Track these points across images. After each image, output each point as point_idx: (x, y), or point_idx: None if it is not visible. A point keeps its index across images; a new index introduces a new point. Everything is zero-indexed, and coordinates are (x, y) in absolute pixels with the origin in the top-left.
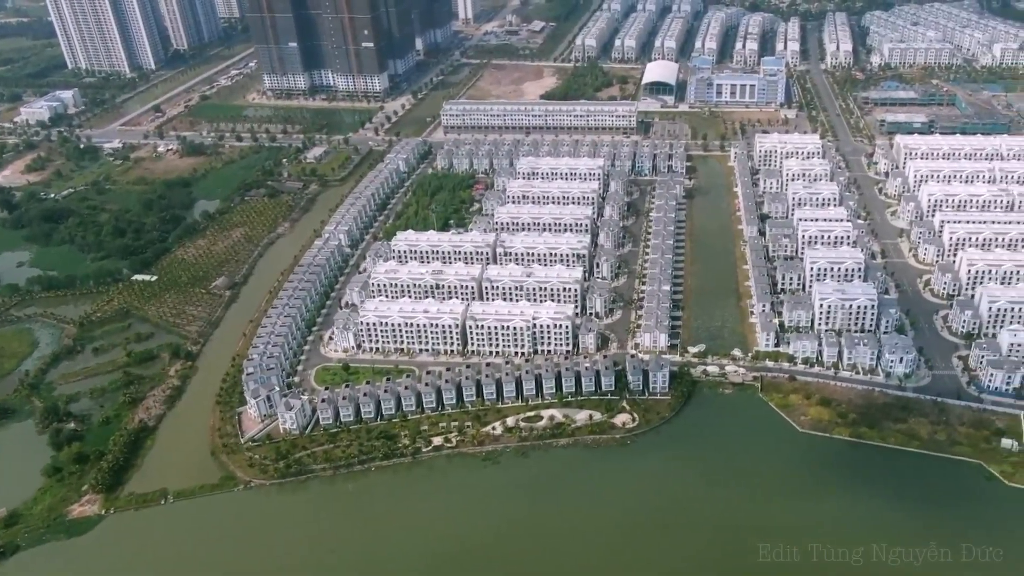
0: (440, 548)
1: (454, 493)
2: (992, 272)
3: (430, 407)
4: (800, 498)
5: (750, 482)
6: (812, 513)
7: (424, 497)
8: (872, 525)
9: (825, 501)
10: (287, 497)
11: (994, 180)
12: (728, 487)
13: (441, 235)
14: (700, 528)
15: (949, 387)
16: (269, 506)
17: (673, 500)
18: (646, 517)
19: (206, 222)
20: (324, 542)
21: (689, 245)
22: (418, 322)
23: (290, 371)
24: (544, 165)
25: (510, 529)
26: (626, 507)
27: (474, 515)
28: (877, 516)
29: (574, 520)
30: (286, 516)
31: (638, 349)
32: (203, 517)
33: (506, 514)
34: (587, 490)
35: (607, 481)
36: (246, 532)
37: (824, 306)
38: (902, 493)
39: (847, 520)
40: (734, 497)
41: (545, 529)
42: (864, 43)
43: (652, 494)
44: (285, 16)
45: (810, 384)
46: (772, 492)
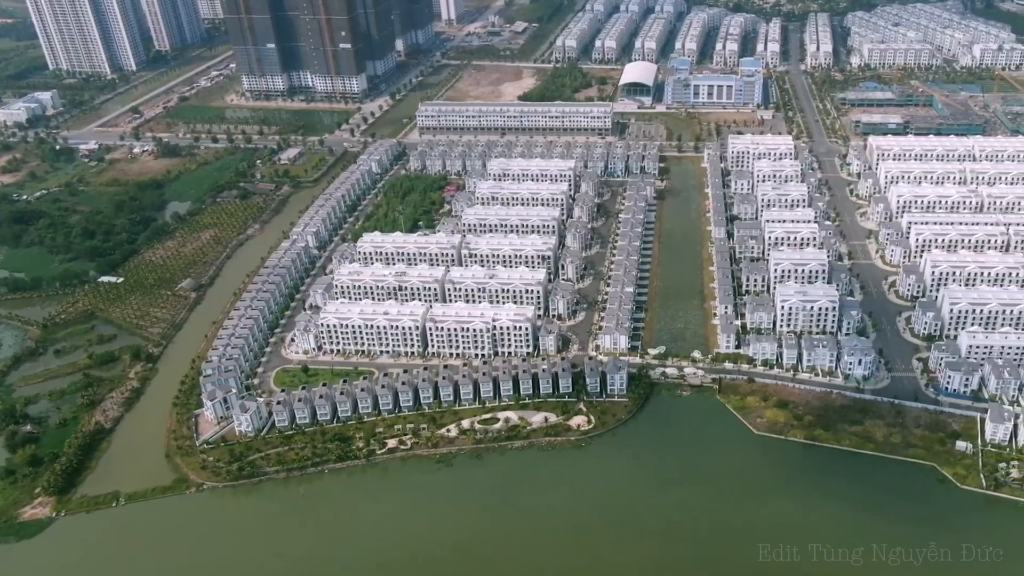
0: (389, 550)
1: (406, 495)
2: (956, 274)
3: (387, 409)
4: (750, 501)
5: (702, 485)
6: (761, 515)
7: (376, 499)
8: (820, 527)
9: (774, 503)
10: (239, 500)
11: (965, 181)
12: (680, 489)
13: (407, 237)
14: (650, 530)
15: (908, 389)
16: (220, 509)
17: (624, 502)
18: (597, 519)
19: (176, 224)
20: (273, 545)
21: (657, 246)
22: (378, 324)
23: (249, 373)
24: (515, 166)
25: (461, 532)
26: (577, 509)
27: (425, 517)
28: (826, 518)
29: (525, 522)
30: (237, 519)
31: (598, 351)
32: (154, 519)
33: (457, 516)
34: (539, 492)
35: (560, 483)
36: (196, 535)
37: (785, 308)
38: (853, 496)
39: (794, 522)
40: (685, 500)
41: (496, 531)
42: (845, 44)
43: (604, 496)
44: (263, 17)
45: (768, 386)
46: (723, 495)
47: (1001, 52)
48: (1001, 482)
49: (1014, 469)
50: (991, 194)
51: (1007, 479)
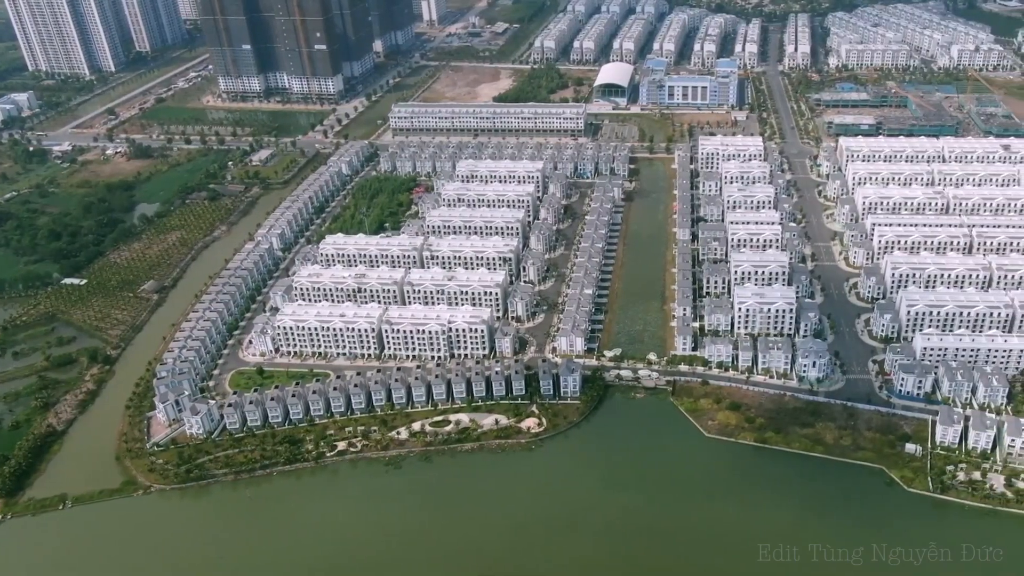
0: (331, 553)
1: (353, 498)
2: (916, 275)
3: (339, 412)
4: (694, 503)
5: (648, 487)
6: (705, 518)
7: (322, 502)
8: (764, 530)
9: (718, 506)
10: (187, 502)
11: (933, 183)
12: (625, 492)
13: (369, 239)
14: (595, 532)
15: (862, 392)
16: (167, 511)
17: (571, 505)
18: (543, 521)
19: (143, 225)
20: (217, 547)
21: (621, 248)
22: (334, 326)
23: (205, 376)
24: (483, 168)
25: (405, 534)
26: (524, 511)
27: (371, 520)
28: (768, 520)
29: (470, 525)
30: (183, 521)
31: (555, 353)
32: (100, 522)
33: (403, 519)
34: (487, 495)
35: (508, 486)
36: (141, 538)
37: (743, 310)
38: (797, 498)
39: (737, 525)
40: (630, 502)
41: (441, 534)
42: (825, 45)
43: (550, 499)
44: (237, 18)
45: (722, 389)
46: (668, 497)
47: (978, 53)
48: (948, 485)
49: (961, 472)
50: (957, 195)
51: (954, 482)
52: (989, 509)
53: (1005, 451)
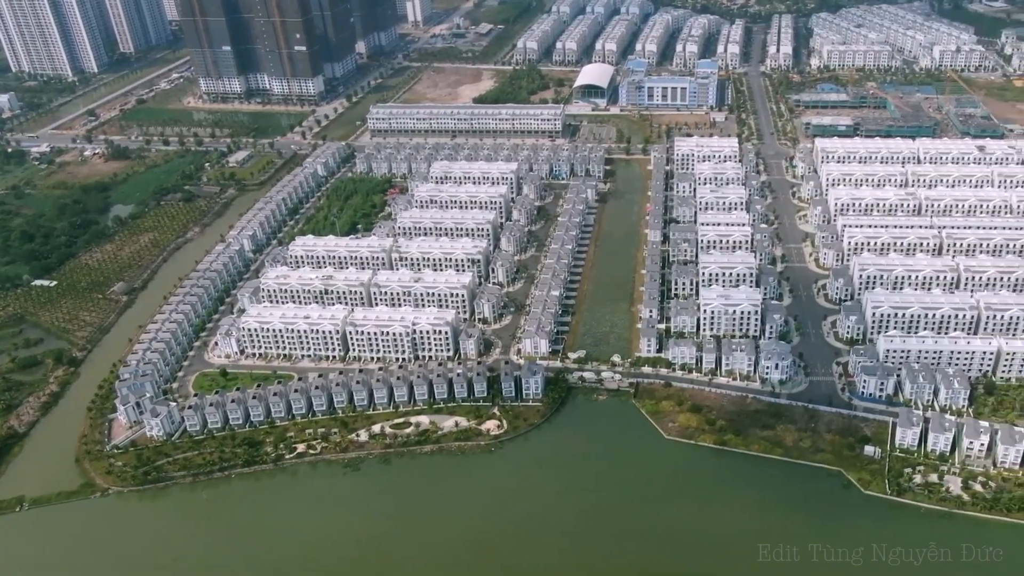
0: (285, 555)
1: (310, 500)
2: (883, 277)
3: (300, 414)
4: (648, 506)
5: (604, 489)
6: (661, 521)
7: (279, 504)
8: (718, 531)
9: (672, 508)
10: (144, 504)
11: (906, 184)
12: (582, 495)
13: (339, 240)
14: (550, 536)
15: (825, 394)
16: (124, 513)
17: (527, 507)
18: (499, 523)
19: (116, 227)
20: (173, 549)
21: (593, 249)
22: (299, 328)
23: (169, 377)
24: (457, 169)
25: (361, 537)
26: (479, 514)
27: (326, 522)
28: (720, 523)
29: (426, 528)
30: (139, 523)
31: (519, 355)
32: (56, 524)
33: (358, 521)
34: (444, 497)
35: (465, 488)
36: (96, 540)
37: (708, 311)
38: (751, 501)
39: (689, 527)
40: (586, 504)
41: (396, 537)
42: (808, 46)
43: (508, 501)
44: (217, 20)
45: (684, 391)
46: (625, 500)
47: (959, 53)
48: (904, 488)
49: (918, 475)
50: (929, 197)
51: (911, 484)
52: (945, 512)
53: (963, 453)
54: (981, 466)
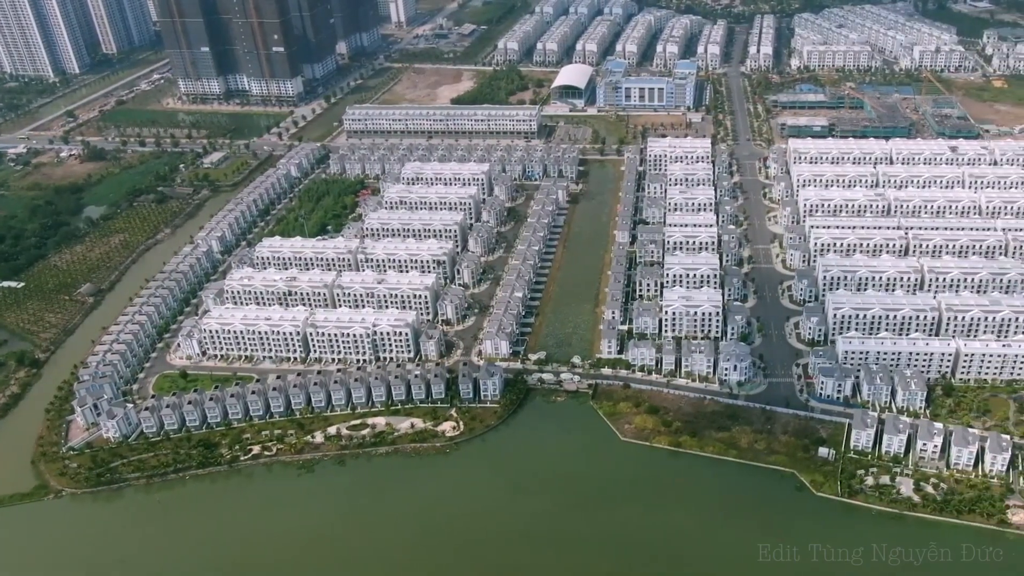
0: (235, 556)
1: (263, 502)
2: (847, 278)
3: (258, 416)
4: (599, 508)
5: (557, 491)
6: (610, 522)
7: (232, 506)
8: (666, 533)
9: (623, 510)
10: (98, 506)
11: (877, 184)
12: (533, 496)
13: (305, 242)
14: (499, 538)
15: (783, 395)
16: (77, 515)
17: (479, 509)
18: (450, 525)
19: (88, 228)
20: (126, 551)
21: (561, 250)
22: (260, 330)
23: (129, 379)
24: (428, 170)
25: (313, 538)
26: (432, 515)
27: (279, 524)
28: (669, 525)
29: (377, 529)
30: (93, 525)
31: (481, 356)
32: (8, 526)
33: (312, 523)
34: (397, 498)
35: (418, 490)
36: (49, 541)
37: (669, 313)
38: (705, 502)
39: (640, 529)
40: (536, 507)
41: (347, 538)
42: (790, 46)
43: (460, 503)
44: (195, 21)
45: (643, 392)
46: (575, 502)
47: (939, 54)
48: (856, 489)
49: (870, 476)
50: (898, 197)
51: (863, 486)
52: (896, 513)
53: (917, 455)
54: (935, 468)
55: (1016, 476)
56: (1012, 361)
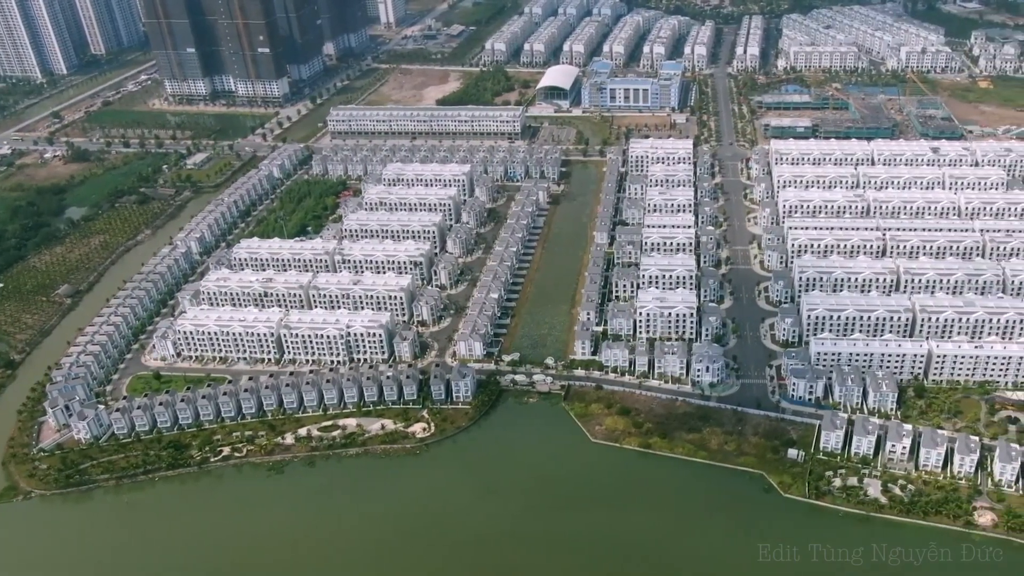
0: (202, 558)
1: (232, 503)
2: (823, 279)
3: (230, 417)
4: (567, 510)
5: (525, 493)
6: (576, 523)
7: (202, 507)
8: (633, 534)
9: (591, 512)
10: (68, 508)
11: (857, 185)
12: (503, 497)
13: (283, 243)
14: (464, 540)
15: (755, 397)
16: (46, 517)
17: (446, 510)
18: (418, 526)
19: (68, 229)
20: (93, 553)
21: (540, 251)
22: (234, 331)
23: (103, 380)
24: (409, 171)
25: (280, 539)
26: (400, 516)
27: (247, 525)
28: (637, 526)
29: (345, 530)
30: (62, 527)
31: (455, 357)
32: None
33: (280, 524)
34: (366, 500)
35: (387, 491)
36: (17, 543)
37: (644, 314)
38: (672, 504)
39: (606, 530)
40: (503, 508)
41: (313, 540)
42: (777, 47)
43: (428, 504)
44: (181, 22)
45: (615, 394)
46: (543, 503)
47: (925, 55)
48: (824, 491)
49: (838, 478)
50: (877, 198)
51: (830, 488)
52: (863, 515)
53: (886, 456)
54: (903, 469)
55: (984, 477)
56: (984, 362)
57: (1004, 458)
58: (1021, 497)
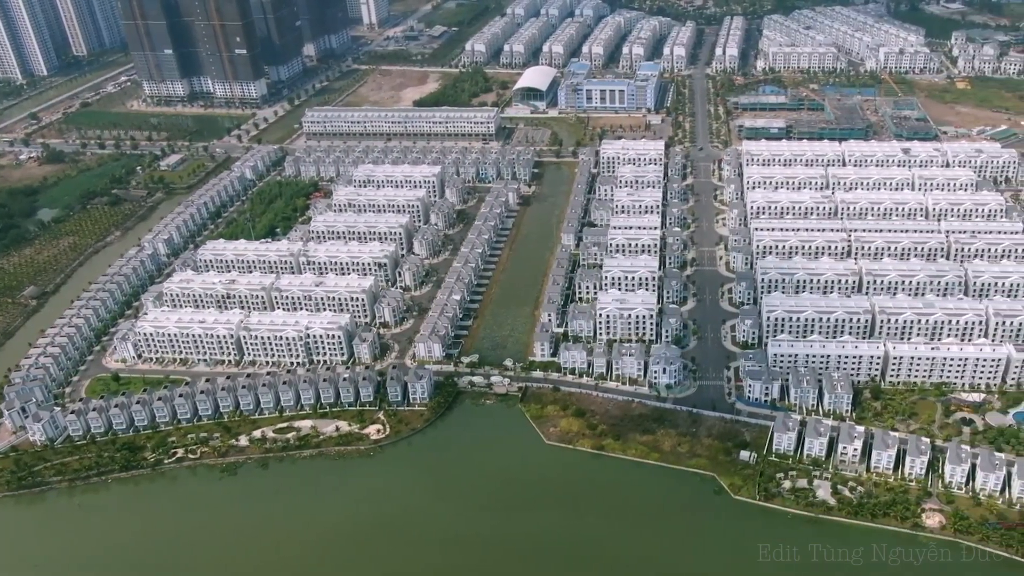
0: (155, 559)
1: (184, 505)
2: (785, 280)
3: (185, 418)
4: (515, 511)
5: (476, 494)
6: (524, 524)
7: (153, 509)
8: (578, 536)
9: (539, 514)
10: (20, 510)
11: (826, 186)
12: (453, 499)
13: (248, 244)
14: (413, 541)
15: (711, 398)
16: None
17: (397, 511)
18: (368, 528)
19: (38, 231)
20: (43, 554)
21: (507, 253)
22: (194, 332)
23: (63, 382)
24: (380, 172)
25: (230, 541)
26: (351, 518)
27: (198, 527)
28: (584, 528)
29: (297, 531)
30: (13, 529)
31: (414, 359)
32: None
33: (230, 526)
34: (318, 501)
35: (339, 493)
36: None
37: (604, 315)
38: (622, 505)
39: (554, 532)
40: (454, 509)
41: (265, 540)
42: (758, 47)
43: (379, 505)
44: (158, 23)
45: (572, 395)
46: (494, 504)
47: (903, 55)
48: (773, 493)
49: (788, 480)
50: (844, 199)
51: (780, 489)
52: (811, 517)
53: (838, 458)
54: (855, 471)
55: (934, 479)
56: (941, 364)
57: (954, 460)
58: (970, 499)
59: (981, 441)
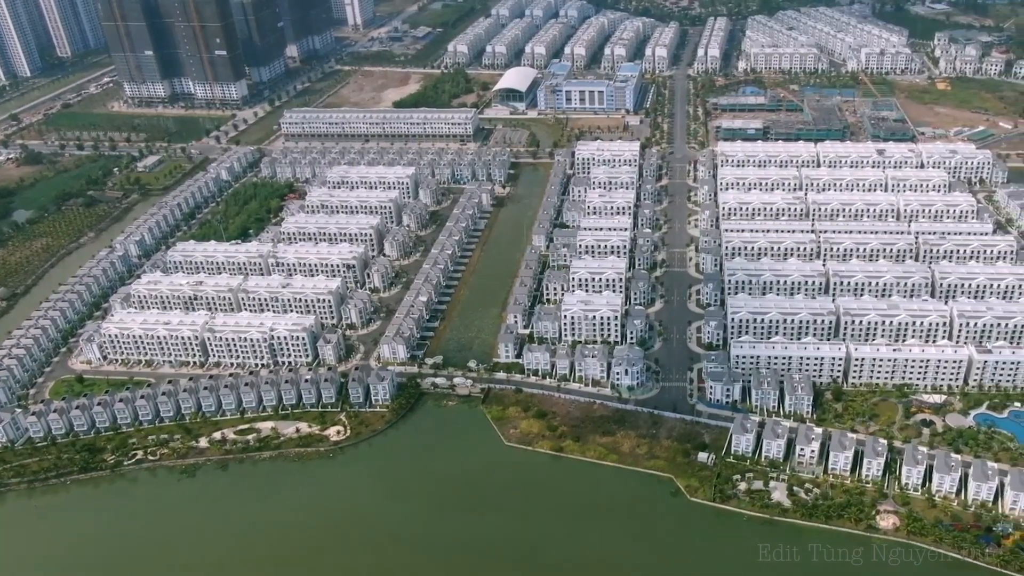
0: (112, 561)
1: (143, 507)
2: (752, 282)
3: (147, 420)
4: (471, 513)
5: (433, 495)
6: (480, 526)
7: (112, 510)
8: (532, 537)
9: (495, 515)
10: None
11: (800, 187)
12: (410, 501)
13: (218, 246)
14: (367, 543)
15: (672, 400)
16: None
17: (353, 513)
18: (325, 529)
19: (11, 232)
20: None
21: (478, 254)
22: (159, 334)
23: (27, 383)
24: (354, 174)
25: (185, 542)
26: (306, 519)
27: (155, 529)
28: (542, 530)
29: (250, 533)
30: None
31: (378, 360)
32: None
33: (185, 527)
34: (274, 503)
35: (297, 494)
36: None
37: (568, 317)
38: (577, 507)
39: (510, 534)
40: (411, 511)
41: (220, 542)
42: (740, 48)
43: (336, 507)
44: (139, 24)
45: (534, 397)
46: (451, 505)
47: (884, 56)
48: (729, 494)
49: (744, 481)
50: (816, 200)
51: (736, 491)
52: (767, 518)
53: (796, 459)
54: (812, 472)
55: (891, 481)
56: (903, 365)
57: (910, 462)
58: (925, 501)
59: (940, 443)
